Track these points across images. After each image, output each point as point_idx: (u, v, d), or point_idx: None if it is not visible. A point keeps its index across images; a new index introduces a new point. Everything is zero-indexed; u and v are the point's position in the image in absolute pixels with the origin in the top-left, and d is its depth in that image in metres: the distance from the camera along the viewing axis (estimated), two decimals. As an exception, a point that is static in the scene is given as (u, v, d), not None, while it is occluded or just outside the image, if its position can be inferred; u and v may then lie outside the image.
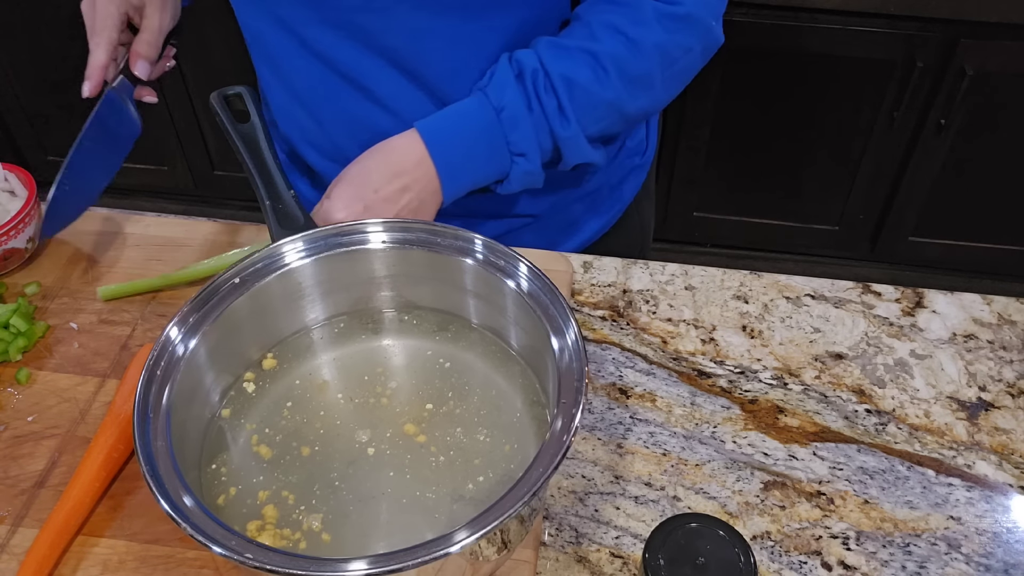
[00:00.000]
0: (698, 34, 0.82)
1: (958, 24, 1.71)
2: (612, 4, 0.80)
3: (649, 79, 0.81)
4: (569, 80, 0.78)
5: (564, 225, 0.98)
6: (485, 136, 0.79)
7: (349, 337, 0.73)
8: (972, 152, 1.89)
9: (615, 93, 0.80)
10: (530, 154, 0.80)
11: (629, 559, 0.66)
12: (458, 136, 0.80)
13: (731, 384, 0.78)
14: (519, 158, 0.80)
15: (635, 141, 0.99)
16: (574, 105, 0.79)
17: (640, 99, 0.82)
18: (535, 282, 0.65)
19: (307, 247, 0.69)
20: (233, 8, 0.88)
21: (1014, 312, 0.84)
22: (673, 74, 0.83)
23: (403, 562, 0.49)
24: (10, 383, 0.77)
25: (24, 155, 2.32)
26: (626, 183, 1.01)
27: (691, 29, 0.81)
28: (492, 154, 0.80)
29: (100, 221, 0.93)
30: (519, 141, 0.79)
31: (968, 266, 2.14)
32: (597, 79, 0.79)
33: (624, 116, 0.83)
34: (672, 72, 0.83)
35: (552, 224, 0.97)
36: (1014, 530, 0.68)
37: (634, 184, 1.02)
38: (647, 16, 0.79)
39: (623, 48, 0.79)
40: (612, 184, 0.98)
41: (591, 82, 0.79)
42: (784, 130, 1.95)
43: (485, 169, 0.81)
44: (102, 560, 0.65)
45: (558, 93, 0.79)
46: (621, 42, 0.79)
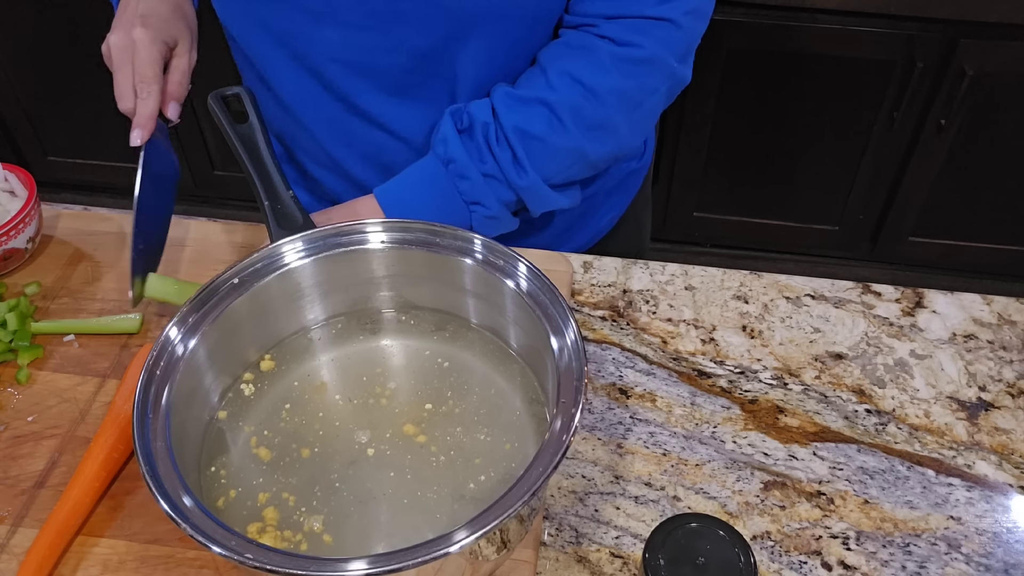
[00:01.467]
0: (661, 75, 0.81)
1: (958, 24, 1.71)
2: (569, 50, 0.80)
3: (610, 124, 0.81)
4: (523, 132, 0.79)
5: (561, 230, 0.97)
6: (436, 188, 0.81)
7: (348, 337, 0.73)
8: (972, 152, 1.89)
9: (574, 141, 0.80)
10: (485, 202, 0.81)
11: (629, 559, 0.66)
12: (411, 192, 0.81)
13: (731, 384, 0.78)
14: (475, 206, 0.82)
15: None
16: (530, 156, 0.79)
17: (603, 144, 0.82)
18: (534, 282, 0.65)
19: (306, 247, 0.69)
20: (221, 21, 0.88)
21: (1014, 312, 0.84)
22: (639, 117, 0.83)
23: (403, 562, 0.49)
24: (10, 383, 0.77)
25: (24, 155, 2.32)
26: (624, 187, 1.01)
27: (652, 72, 0.81)
28: (446, 205, 0.81)
29: (100, 221, 0.93)
30: (470, 191, 0.81)
31: (968, 266, 2.14)
32: (553, 129, 0.79)
33: (589, 162, 0.83)
34: (637, 115, 0.82)
35: (550, 229, 0.97)
36: (1014, 530, 0.68)
37: (631, 188, 1.02)
38: (604, 62, 0.79)
39: (579, 96, 0.79)
40: (609, 189, 0.98)
41: (546, 133, 0.79)
42: (784, 130, 1.95)
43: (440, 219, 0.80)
44: (102, 560, 0.65)
45: (512, 145, 0.79)
46: (577, 91, 0.79)
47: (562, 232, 0.98)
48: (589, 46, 0.79)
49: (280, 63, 0.84)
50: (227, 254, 0.89)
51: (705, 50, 1.96)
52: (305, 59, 0.82)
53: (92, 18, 1.98)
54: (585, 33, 0.80)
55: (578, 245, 1.00)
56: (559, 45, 0.81)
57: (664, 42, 0.79)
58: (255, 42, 0.85)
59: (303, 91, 0.85)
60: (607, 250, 1.01)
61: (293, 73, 0.84)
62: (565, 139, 0.80)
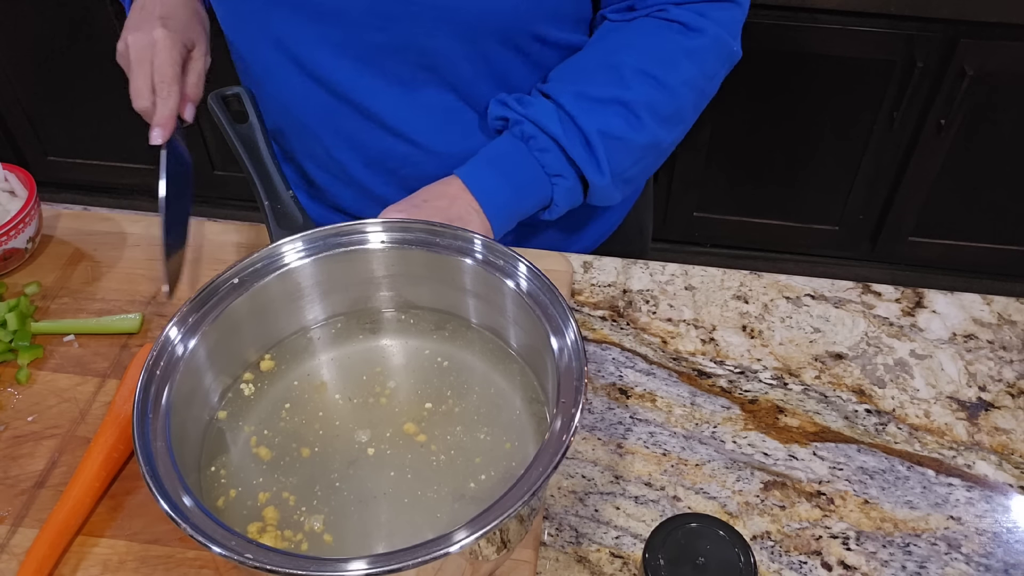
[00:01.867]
0: (721, 59, 0.83)
1: (958, 24, 1.71)
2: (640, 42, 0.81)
3: (681, 113, 0.83)
4: (605, 134, 0.79)
5: (564, 234, 0.97)
6: (519, 163, 0.80)
7: (348, 337, 0.73)
8: (972, 152, 1.89)
9: (651, 136, 0.81)
10: (566, 174, 0.81)
11: (629, 559, 0.66)
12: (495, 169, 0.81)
13: (731, 384, 0.78)
14: (557, 179, 0.81)
15: None
16: (610, 156, 0.80)
17: (674, 132, 0.84)
18: (534, 282, 0.65)
19: (306, 247, 0.69)
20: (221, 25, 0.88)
21: (1014, 312, 0.84)
22: (702, 101, 0.85)
23: (402, 562, 0.49)
24: (10, 383, 0.77)
25: (24, 155, 2.32)
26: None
27: (715, 56, 0.82)
28: (528, 178, 0.81)
29: (100, 221, 0.93)
30: (552, 163, 0.80)
31: (968, 266, 2.14)
32: (631, 127, 0.80)
33: (662, 152, 0.85)
34: (701, 99, 0.84)
35: (551, 233, 0.96)
36: (1014, 530, 0.68)
37: (634, 192, 1.02)
38: (675, 55, 0.80)
39: (656, 92, 0.80)
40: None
41: (626, 131, 0.80)
42: (784, 130, 1.95)
43: (525, 193, 0.82)
44: (102, 560, 0.65)
45: (594, 148, 0.80)
46: (652, 86, 0.80)
47: (566, 236, 0.98)
48: (659, 37, 0.80)
49: (282, 66, 0.84)
50: (227, 254, 0.89)
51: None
52: (307, 61, 0.82)
53: (92, 18, 1.98)
54: (655, 20, 0.81)
55: (580, 248, 1.00)
56: (624, 36, 0.82)
57: (724, 23, 0.81)
58: (256, 45, 0.85)
59: (305, 94, 0.85)
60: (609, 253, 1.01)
61: (295, 76, 0.84)
62: (643, 135, 0.81)
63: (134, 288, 0.86)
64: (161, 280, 0.76)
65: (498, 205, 0.80)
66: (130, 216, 0.94)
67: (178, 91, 0.82)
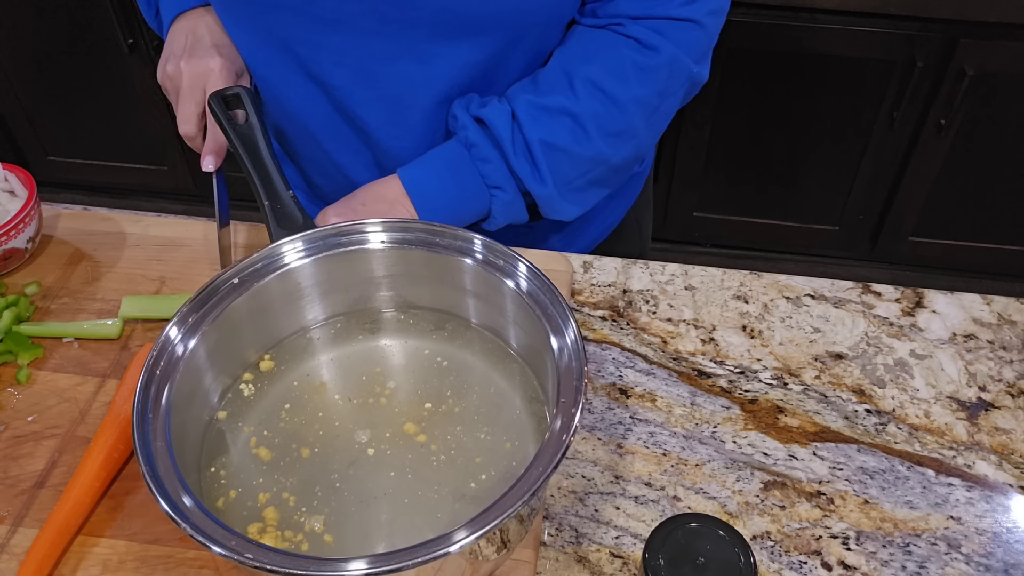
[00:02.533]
0: (679, 79, 0.82)
1: (958, 24, 1.71)
2: (593, 54, 0.80)
3: (631, 131, 0.82)
4: (547, 144, 0.79)
5: (563, 235, 0.97)
6: (459, 171, 0.80)
7: (348, 337, 0.73)
8: (972, 152, 1.89)
9: (596, 150, 0.80)
10: (506, 186, 0.81)
11: (629, 559, 0.66)
12: (434, 174, 0.81)
13: (731, 384, 0.78)
14: (496, 191, 0.81)
15: None
16: (552, 166, 0.80)
17: (623, 149, 0.83)
18: (534, 282, 0.65)
19: (306, 247, 0.69)
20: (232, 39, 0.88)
21: (1014, 312, 0.84)
22: (657, 119, 0.83)
23: (402, 562, 0.49)
24: (10, 383, 0.77)
25: (24, 155, 2.32)
26: (625, 192, 1.01)
27: (671, 76, 0.81)
28: (468, 188, 0.81)
29: (100, 221, 0.93)
30: (492, 174, 0.80)
31: (968, 266, 2.14)
32: (576, 139, 0.79)
33: (610, 168, 0.84)
34: (655, 118, 0.83)
35: (551, 234, 0.96)
36: (1014, 530, 0.68)
37: (633, 192, 1.02)
38: (626, 70, 0.79)
39: (603, 106, 0.79)
40: (612, 193, 0.98)
41: (570, 143, 0.79)
42: (784, 130, 1.95)
43: (463, 203, 0.81)
44: (102, 560, 0.65)
45: (535, 157, 0.79)
46: (600, 100, 0.79)
47: (564, 236, 0.98)
48: (613, 51, 0.79)
49: (283, 71, 0.84)
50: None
51: (705, 50, 1.94)
52: (311, 66, 0.82)
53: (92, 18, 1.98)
54: (610, 32, 0.80)
55: (578, 249, 1.00)
56: (581, 46, 0.81)
57: (684, 44, 0.80)
58: (258, 49, 0.85)
59: (306, 98, 0.85)
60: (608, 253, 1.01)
61: (297, 81, 0.84)
62: (588, 148, 0.80)
63: (134, 288, 0.86)
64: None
65: (435, 212, 0.80)
66: (130, 216, 0.94)
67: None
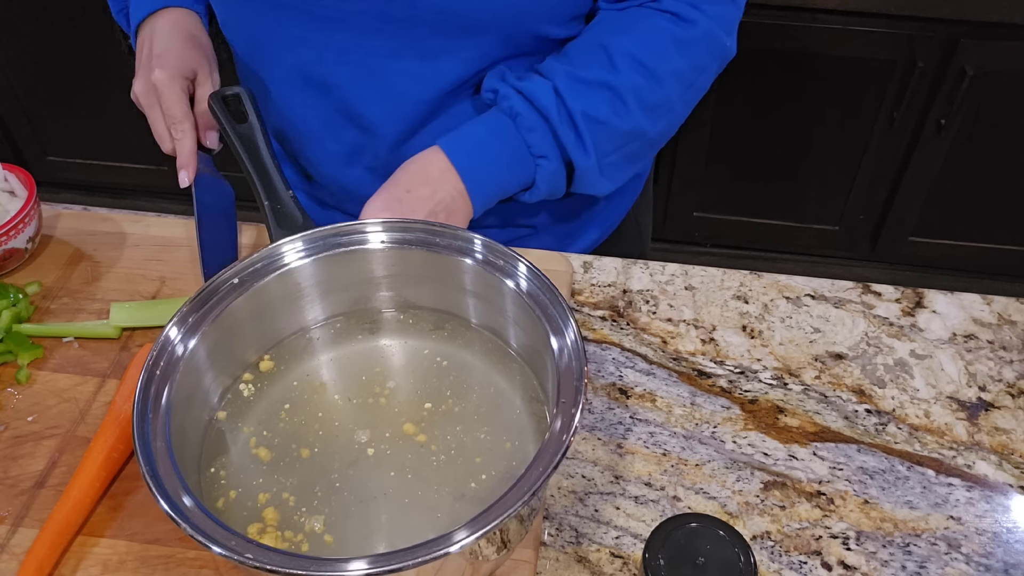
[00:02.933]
0: (713, 54, 0.82)
1: (958, 24, 1.71)
2: (631, 28, 0.80)
3: (668, 104, 0.82)
4: (589, 116, 0.79)
5: (563, 235, 0.97)
6: (505, 140, 0.80)
7: (348, 337, 0.73)
8: (972, 152, 1.89)
9: (635, 123, 0.80)
10: (551, 156, 0.80)
11: (629, 559, 0.66)
12: (479, 144, 0.80)
13: (731, 384, 0.78)
14: (541, 160, 0.80)
15: None
16: (594, 139, 0.79)
17: (660, 123, 0.83)
18: (534, 282, 0.65)
19: (306, 247, 0.69)
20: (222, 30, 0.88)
21: (1014, 312, 0.84)
22: (691, 95, 0.84)
23: (403, 562, 0.49)
24: (10, 383, 0.77)
25: (24, 155, 2.32)
26: (625, 192, 1.01)
27: (707, 50, 0.82)
28: (514, 157, 0.80)
29: (100, 221, 0.93)
30: (538, 143, 0.80)
31: (968, 266, 2.14)
32: (616, 112, 0.79)
33: (646, 142, 0.84)
34: (690, 93, 0.83)
35: (551, 234, 0.96)
36: (1014, 530, 0.68)
37: (633, 193, 1.02)
38: (665, 44, 0.79)
39: (642, 79, 0.79)
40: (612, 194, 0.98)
41: (610, 116, 0.79)
42: (784, 130, 1.95)
43: (509, 173, 0.81)
44: (102, 560, 0.65)
45: (579, 128, 0.79)
46: (640, 73, 0.79)
47: (562, 237, 0.98)
48: (650, 24, 0.80)
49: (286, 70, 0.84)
50: (227, 254, 0.89)
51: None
52: (312, 65, 0.82)
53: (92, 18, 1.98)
54: (647, 8, 0.81)
55: (578, 250, 0.99)
56: (616, 21, 0.81)
57: (719, 18, 0.81)
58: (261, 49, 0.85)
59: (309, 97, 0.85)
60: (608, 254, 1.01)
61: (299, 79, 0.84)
62: (627, 121, 0.80)
63: (134, 288, 0.86)
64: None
65: (483, 184, 0.80)
66: (130, 216, 0.94)
67: (191, 127, 0.82)
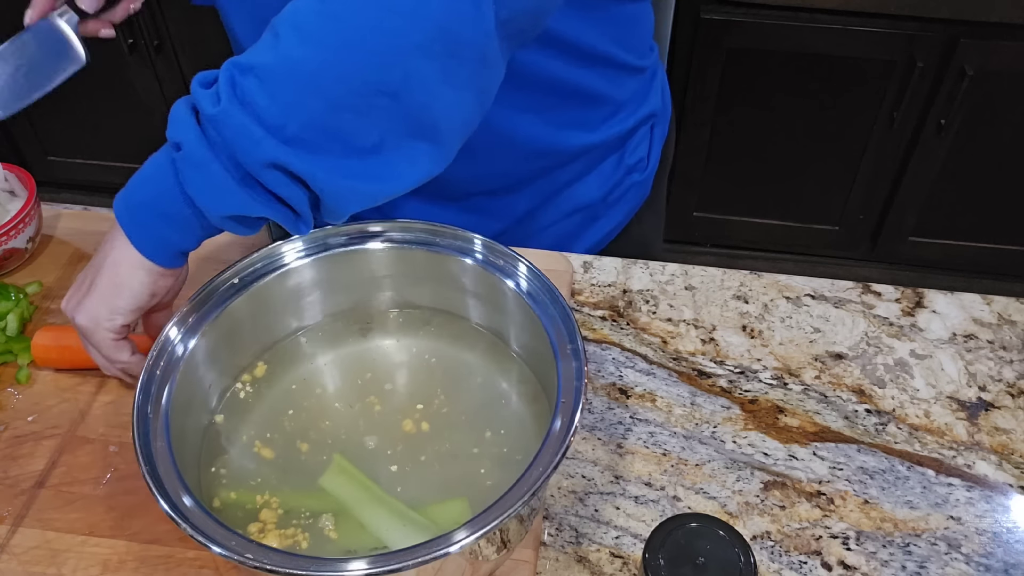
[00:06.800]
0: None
1: (958, 24, 1.71)
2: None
3: (342, 31, 0.58)
4: (233, 63, 0.60)
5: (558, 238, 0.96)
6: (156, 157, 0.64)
7: (348, 337, 0.73)
8: (972, 152, 1.89)
9: (288, 56, 0.58)
10: (186, 143, 0.60)
11: (629, 559, 0.66)
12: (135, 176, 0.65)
13: (731, 384, 0.78)
14: (177, 155, 0.61)
15: (635, 159, 0.96)
16: (235, 86, 0.59)
17: (327, 54, 0.59)
18: (534, 282, 0.65)
19: (306, 247, 0.69)
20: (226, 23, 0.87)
21: (1014, 312, 0.84)
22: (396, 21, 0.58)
23: (403, 562, 0.49)
24: (10, 383, 0.77)
25: (24, 155, 2.32)
26: (625, 199, 0.99)
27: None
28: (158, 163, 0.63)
29: (100, 221, 0.93)
30: (175, 133, 0.61)
31: (968, 266, 2.14)
32: (264, 49, 0.60)
33: (323, 91, 0.59)
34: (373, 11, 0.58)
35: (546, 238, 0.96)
36: (1014, 530, 0.68)
37: (634, 200, 1.00)
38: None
39: (304, 6, 0.59)
40: (611, 201, 0.97)
41: (258, 56, 0.59)
42: (784, 130, 1.95)
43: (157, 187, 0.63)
44: (102, 560, 0.65)
45: (219, 82, 0.60)
46: (304, 3, 0.59)
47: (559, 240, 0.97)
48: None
49: None
50: (227, 254, 0.89)
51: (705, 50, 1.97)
52: None
53: (92, 18, 1.98)
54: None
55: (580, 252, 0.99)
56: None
57: None
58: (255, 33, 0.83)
59: None
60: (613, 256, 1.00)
61: None
62: (272, 56, 0.59)
63: (134, 288, 0.86)
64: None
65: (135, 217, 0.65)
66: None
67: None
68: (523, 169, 0.88)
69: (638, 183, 1.00)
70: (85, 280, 0.67)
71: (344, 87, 0.59)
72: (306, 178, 0.60)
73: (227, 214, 0.61)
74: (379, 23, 0.58)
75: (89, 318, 0.65)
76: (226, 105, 0.58)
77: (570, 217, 0.95)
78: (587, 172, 0.92)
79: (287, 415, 0.67)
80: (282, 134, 0.58)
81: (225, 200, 0.61)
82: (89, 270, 0.67)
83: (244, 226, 0.64)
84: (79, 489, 0.69)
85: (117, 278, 0.64)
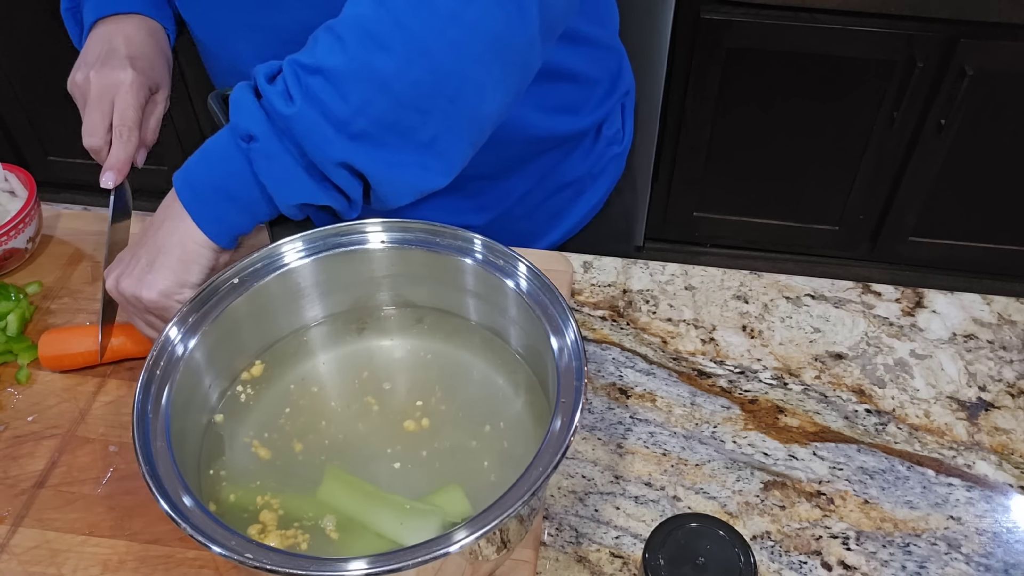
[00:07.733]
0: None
1: (958, 24, 1.71)
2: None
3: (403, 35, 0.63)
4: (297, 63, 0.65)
5: (549, 215, 0.98)
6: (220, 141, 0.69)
7: (347, 337, 0.73)
8: (972, 152, 1.89)
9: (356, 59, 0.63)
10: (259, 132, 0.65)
11: (629, 559, 0.66)
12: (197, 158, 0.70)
13: (731, 384, 0.78)
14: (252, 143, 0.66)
15: (612, 130, 1.00)
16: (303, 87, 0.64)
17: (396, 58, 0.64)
18: (534, 282, 0.65)
19: (306, 247, 0.69)
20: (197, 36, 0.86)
21: (1014, 312, 0.84)
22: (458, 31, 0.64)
23: (403, 562, 0.49)
24: (10, 383, 0.77)
25: (24, 155, 2.32)
26: (606, 172, 1.02)
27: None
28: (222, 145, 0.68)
29: (100, 221, 0.93)
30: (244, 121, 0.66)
31: (968, 266, 2.14)
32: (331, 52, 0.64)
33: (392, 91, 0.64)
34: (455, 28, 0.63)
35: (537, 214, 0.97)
36: (1014, 530, 0.68)
37: (614, 173, 1.03)
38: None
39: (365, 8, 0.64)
40: (594, 174, 0.99)
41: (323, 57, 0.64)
42: (784, 130, 1.95)
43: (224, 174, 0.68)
44: (102, 560, 0.65)
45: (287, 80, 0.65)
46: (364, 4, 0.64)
47: (553, 215, 0.98)
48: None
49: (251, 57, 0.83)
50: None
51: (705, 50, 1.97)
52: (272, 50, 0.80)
53: (92, 18, 1.98)
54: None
55: (567, 230, 1.00)
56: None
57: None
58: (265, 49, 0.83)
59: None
60: (597, 234, 1.02)
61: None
62: (342, 59, 0.63)
63: (134, 288, 0.86)
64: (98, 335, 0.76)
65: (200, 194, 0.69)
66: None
67: (138, 136, 0.80)
68: (518, 154, 0.90)
69: (617, 155, 1.03)
70: (138, 258, 0.70)
71: (412, 90, 0.65)
72: (366, 172, 0.66)
73: (296, 202, 0.67)
74: (443, 32, 0.64)
75: (160, 292, 0.68)
76: (300, 106, 0.64)
77: (560, 193, 0.97)
78: (573, 150, 0.95)
79: (286, 415, 0.67)
80: (348, 130, 0.64)
81: (296, 189, 0.67)
82: (141, 248, 0.70)
83: (305, 212, 0.70)
84: (79, 489, 0.69)
85: (185, 255, 0.69)
